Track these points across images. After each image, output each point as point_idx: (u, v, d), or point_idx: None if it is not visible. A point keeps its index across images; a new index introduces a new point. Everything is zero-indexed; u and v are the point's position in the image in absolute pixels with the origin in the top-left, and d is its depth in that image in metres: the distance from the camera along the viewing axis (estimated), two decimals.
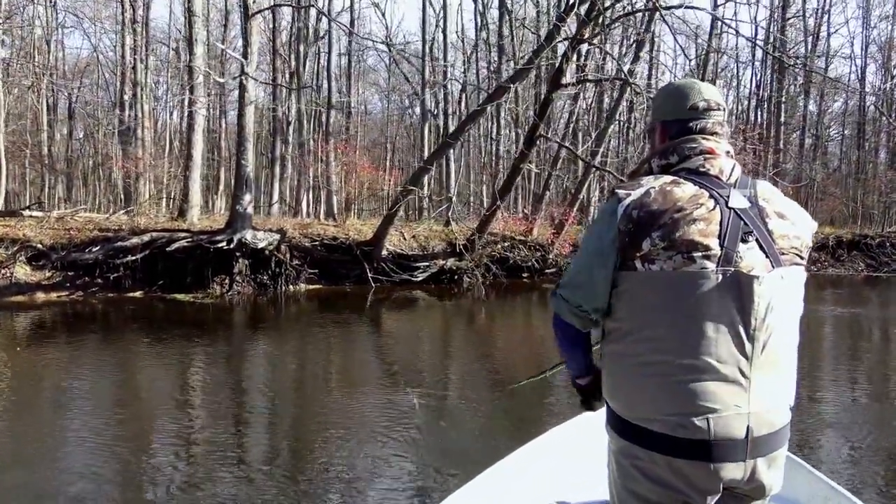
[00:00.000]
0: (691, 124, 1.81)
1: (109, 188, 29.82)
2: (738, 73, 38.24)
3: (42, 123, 27.39)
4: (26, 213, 16.04)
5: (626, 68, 16.96)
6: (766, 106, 34.01)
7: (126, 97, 24.87)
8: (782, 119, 31.35)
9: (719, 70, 37.11)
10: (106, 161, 27.43)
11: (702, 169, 1.75)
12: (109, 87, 34.62)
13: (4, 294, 13.83)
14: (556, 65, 15.36)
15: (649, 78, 31.08)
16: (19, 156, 26.85)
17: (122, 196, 23.68)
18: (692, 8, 12.03)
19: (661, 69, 31.52)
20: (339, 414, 6.88)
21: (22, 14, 27.20)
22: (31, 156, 26.83)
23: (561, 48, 16.17)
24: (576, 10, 12.94)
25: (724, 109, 1.85)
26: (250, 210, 15.92)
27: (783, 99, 30.59)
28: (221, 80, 16.68)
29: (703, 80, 21.08)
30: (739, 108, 38.62)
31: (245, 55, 14.60)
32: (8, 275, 14.01)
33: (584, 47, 20.21)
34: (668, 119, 1.86)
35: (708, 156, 1.77)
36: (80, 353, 9.85)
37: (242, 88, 14.79)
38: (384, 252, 17.83)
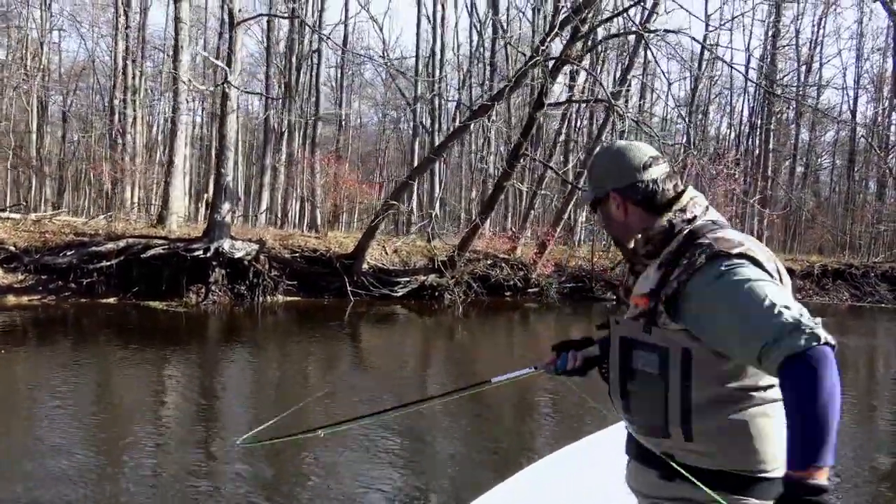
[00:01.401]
0: (647, 183, 1.77)
1: (99, 193, 29.75)
2: (731, 99, 38.42)
3: (31, 126, 27.31)
4: (3, 214, 15.93)
5: (612, 90, 16.99)
6: (758, 133, 34.12)
7: (116, 102, 24.84)
8: (770, 146, 31.41)
9: (713, 96, 37.32)
10: (91, 166, 27.30)
11: (721, 219, 1.78)
12: (104, 92, 34.59)
13: None
14: (540, 85, 15.37)
15: (641, 101, 31.23)
16: (7, 157, 26.75)
17: (108, 201, 23.57)
18: (674, 32, 12.04)
19: (654, 95, 31.63)
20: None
21: (19, 17, 27.28)
22: (17, 157, 26.71)
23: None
24: (556, 31, 12.97)
25: (666, 160, 1.82)
26: (228, 219, 15.85)
27: (772, 127, 30.67)
28: (202, 88, 16.61)
29: (693, 105, 21.25)
30: (732, 134, 38.81)
31: (228, 63, 14.59)
32: None
33: (576, 69, 20.32)
34: (622, 186, 1.79)
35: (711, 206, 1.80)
36: (49, 359, 9.73)
37: (224, 97, 14.77)
38: (364, 266, 17.76)
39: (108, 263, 14.68)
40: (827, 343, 1.40)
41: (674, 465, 1.66)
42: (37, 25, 28.51)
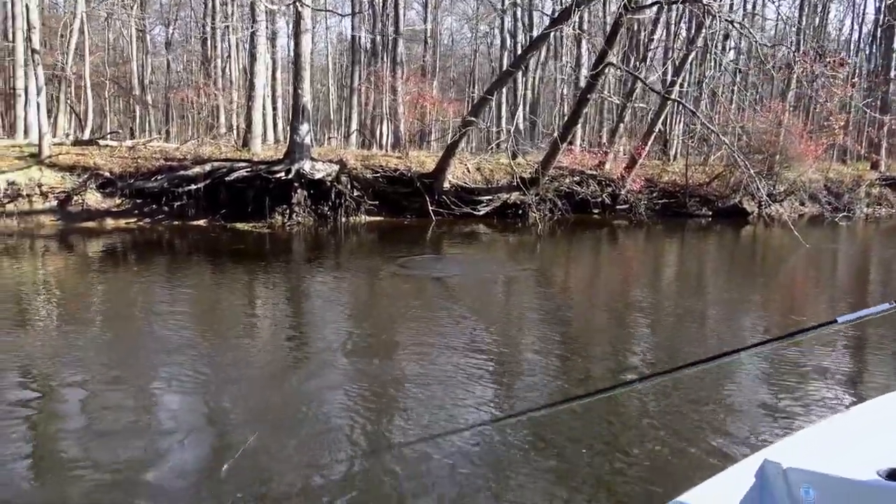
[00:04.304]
0: None
1: (202, 121, 30.73)
2: None
3: (133, 56, 28.30)
4: (102, 142, 16.70)
5: None
6: (883, 30, 30.83)
7: (208, 29, 25.29)
8: (894, 46, 28.31)
9: None
10: (175, 92, 28.06)
11: None
12: (199, 21, 35.28)
13: (76, 219, 14.60)
14: None
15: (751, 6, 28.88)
16: (110, 87, 27.94)
17: (205, 128, 24.28)
18: None
19: None
20: (400, 353, 6.57)
21: None
22: (119, 86, 27.85)
23: None
24: None
25: None
26: (308, 140, 15.97)
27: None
28: (273, 7, 16.55)
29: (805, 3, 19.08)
30: (856, 35, 35.46)
31: None
32: (80, 201, 14.74)
33: None
34: None
35: None
36: (148, 278, 10.29)
37: (298, 16, 14.66)
38: (446, 185, 17.60)
39: (196, 187, 15.21)
40: None
41: None
42: None
